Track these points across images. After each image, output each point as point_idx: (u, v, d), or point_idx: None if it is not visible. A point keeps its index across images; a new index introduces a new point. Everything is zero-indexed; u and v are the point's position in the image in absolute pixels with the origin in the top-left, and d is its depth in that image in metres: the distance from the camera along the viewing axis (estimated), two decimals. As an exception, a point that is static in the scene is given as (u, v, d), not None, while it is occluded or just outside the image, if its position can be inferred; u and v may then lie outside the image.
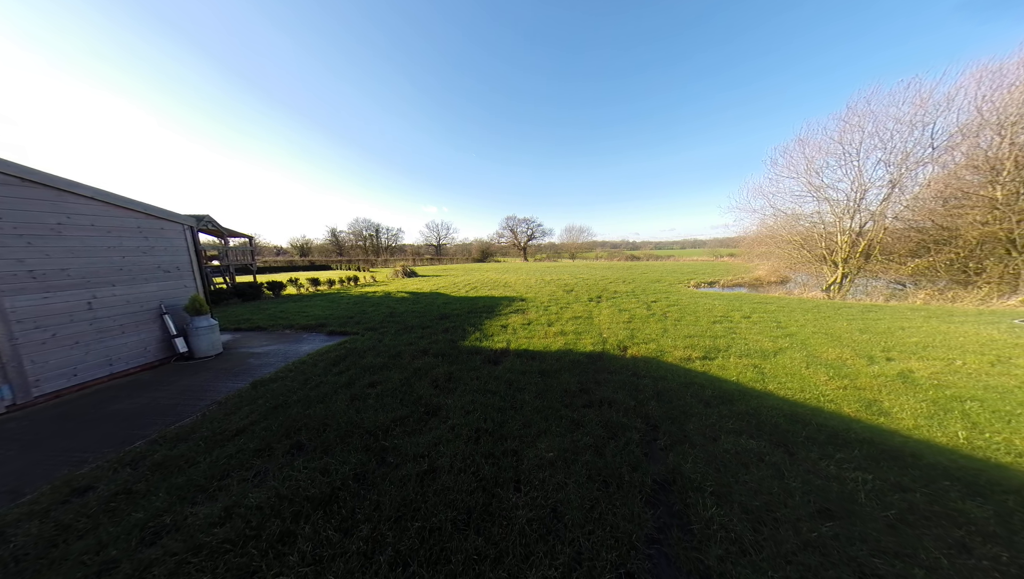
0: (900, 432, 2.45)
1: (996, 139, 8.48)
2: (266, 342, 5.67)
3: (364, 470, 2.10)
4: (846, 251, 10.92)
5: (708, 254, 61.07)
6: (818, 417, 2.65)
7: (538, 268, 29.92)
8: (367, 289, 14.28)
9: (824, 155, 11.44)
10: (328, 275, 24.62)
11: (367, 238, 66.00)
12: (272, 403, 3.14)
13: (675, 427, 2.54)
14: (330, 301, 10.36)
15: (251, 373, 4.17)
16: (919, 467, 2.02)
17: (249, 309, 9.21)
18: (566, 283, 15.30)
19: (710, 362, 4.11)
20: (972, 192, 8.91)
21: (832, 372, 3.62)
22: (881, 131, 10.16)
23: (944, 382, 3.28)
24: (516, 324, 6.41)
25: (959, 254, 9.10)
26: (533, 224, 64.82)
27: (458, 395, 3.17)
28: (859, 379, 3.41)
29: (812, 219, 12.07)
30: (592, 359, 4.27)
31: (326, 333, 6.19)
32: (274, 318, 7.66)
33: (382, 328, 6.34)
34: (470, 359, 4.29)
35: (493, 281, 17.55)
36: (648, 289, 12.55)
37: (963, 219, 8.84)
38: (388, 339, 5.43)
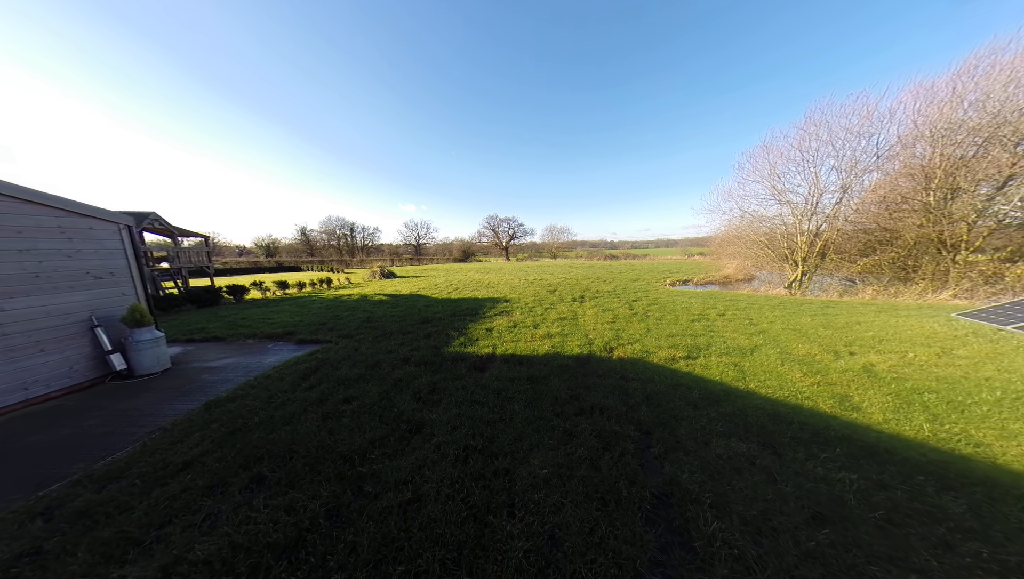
0: (873, 427, 2.57)
1: (929, 150, 9.47)
2: (224, 354, 5.11)
3: (337, 504, 1.87)
4: (805, 251, 11.78)
5: (680, 253, 64.66)
6: (799, 415, 2.73)
7: (521, 268, 29.92)
8: (341, 292, 13.50)
9: (785, 161, 12.27)
10: (298, 277, 23.06)
11: (341, 237, 62.95)
12: (229, 427, 2.77)
13: (667, 433, 2.51)
14: (300, 306, 9.66)
15: (204, 392, 3.71)
16: (895, 463, 2.11)
17: (205, 316, 8.36)
18: (549, 283, 15.35)
19: (693, 362, 4.19)
20: (910, 197, 9.90)
21: (805, 368, 3.80)
22: (834, 140, 11.05)
23: (902, 375, 3.53)
24: (501, 327, 6.25)
25: (900, 254, 10.10)
26: (515, 224, 64.87)
27: (443, 408, 2.97)
28: (830, 375, 3.59)
29: (775, 221, 12.93)
30: (580, 362, 4.21)
31: (295, 342, 5.71)
32: (234, 326, 6.98)
33: (358, 335, 5.95)
34: (455, 367, 4.09)
35: (476, 282, 17.26)
36: (628, 288, 12.86)
37: (903, 222, 9.80)
38: (365, 347, 5.09)
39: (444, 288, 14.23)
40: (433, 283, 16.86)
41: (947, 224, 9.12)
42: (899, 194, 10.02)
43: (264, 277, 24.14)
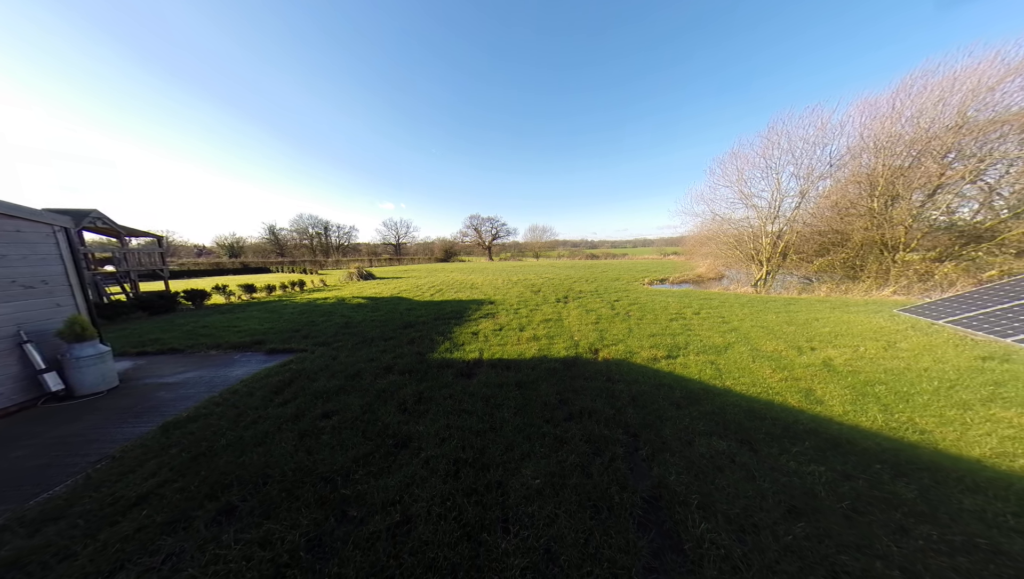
0: (835, 419, 2.79)
1: (873, 160, 10.47)
2: (183, 368, 4.68)
3: (319, 533, 1.75)
4: (769, 251, 12.67)
5: (657, 253, 67.80)
6: (771, 411, 2.91)
7: (504, 268, 29.90)
8: (316, 295, 12.83)
9: (751, 167, 13.11)
10: (267, 279, 21.61)
11: (314, 237, 59.83)
12: (191, 452, 2.53)
13: (653, 434, 2.58)
14: (269, 311, 9.06)
15: (161, 411, 3.37)
16: (856, 453, 2.29)
17: (159, 325, 7.62)
18: (533, 283, 15.44)
19: (674, 361, 4.36)
20: (857, 203, 10.91)
21: (774, 364, 4.06)
22: (793, 149, 11.95)
23: (856, 368, 3.87)
24: (487, 330, 6.20)
25: (849, 254, 11.11)
26: (497, 223, 64.74)
27: (431, 419, 2.89)
28: (795, 370, 3.86)
29: (743, 223, 13.79)
30: (567, 365, 4.25)
31: (265, 352, 5.33)
32: (194, 336, 6.42)
33: (336, 342, 5.66)
34: (441, 374, 3.99)
35: (459, 282, 17.04)
36: (609, 288, 13.20)
37: (851, 225, 10.78)
38: (344, 356, 4.85)
39: (427, 290, 13.92)
40: (415, 284, 16.45)
41: (888, 227, 10.14)
42: (848, 200, 11.01)
43: (228, 280, 22.46)
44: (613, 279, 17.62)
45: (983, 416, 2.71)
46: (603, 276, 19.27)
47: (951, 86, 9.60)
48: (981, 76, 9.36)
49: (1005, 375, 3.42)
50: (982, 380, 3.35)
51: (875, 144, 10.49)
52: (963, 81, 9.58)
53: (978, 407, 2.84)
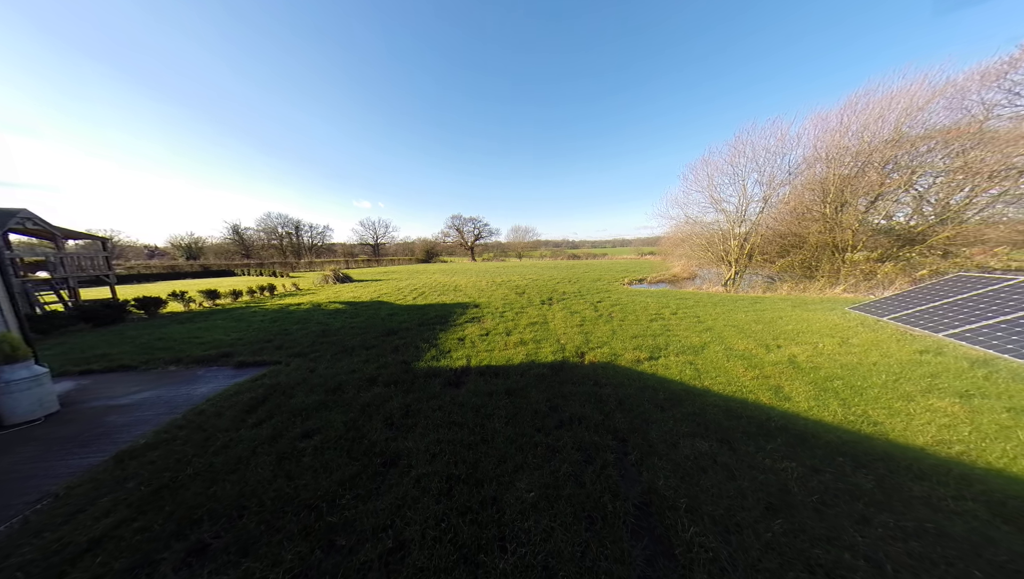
0: (801, 415, 3.02)
1: (825, 169, 11.46)
2: (138, 387, 4.26)
3: (305, 567, 1.65)
4: (736, 253, 13.52)
5: (634, 252, 70.66)
6: (746, 409, 3.10)
7: (487, 269, 29.75)
8: (289, 301, 12.12)
9: (720, 174, 13.93)
10: (232, 284, 20.02)
11: (284, 237, 56.50)
12: (152, 485, 2.30)
13: (641, 438, 2.67)
14: (236, 320, 8.44)
15: (113, 439, 3.04)
16: (821, 447, 2.50)
17: (106, 339, 6.88)
18: (517, 285, 15.49)
19: (656, 362, 4.53)
20: (812, 208, 11.90)
21: (746, 363, 4.33)
22: (757, 157, 12.84)
23: (816, 364, 4.22)
24: (474, 335, 6.14)
25: (806, 256, 12.10)
26: (480, 224, 64.35)
27: (420, 434, 2.81)
28: (764, 368, 4.14)
29: (713, 226, 14.60)
30: (555, 370, 4.30)
31: (233, 365, 4.96)
32: (149, 349, 5.86)
33: (314, 353, 5.38)
34: (428, 384, 3.90)
35: (442, 285, 16.76)
36: (592, 289, 13.51)
37: (807, 229, 11.74)
38: (323, 367, 4.61)
39: (408, 293, 13.57)
40: (396, 287, 15.99)
41: (838, 231, 11.16)
42: (804, 205, 11.99)
43: (187, 284, 20.66)
44: (595, 279, 18.07)
45: (923, 406, 3.04)
46: (585, 276, 19.70)
47: (889, 104, 10.72)
48: (912, 97, 10.52)
49: (939, 367, 3.86)
50: (921, 372, 3.76)
51: (826, 155, 11.50)
52: (898, 100, 10.73)
53: (919, 398, 3.19)
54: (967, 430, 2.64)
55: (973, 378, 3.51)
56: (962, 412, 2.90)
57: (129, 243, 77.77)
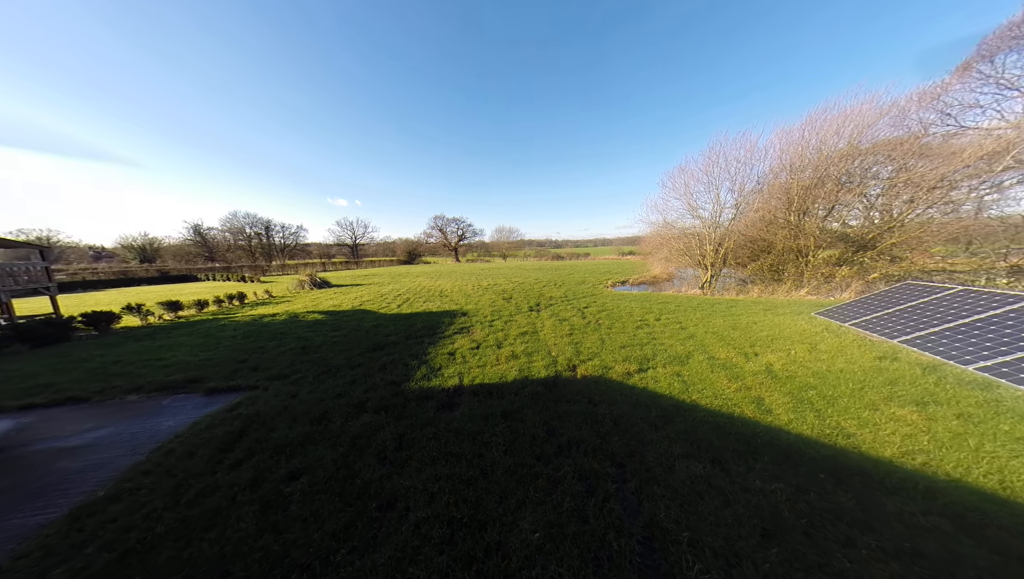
0: (784, 429, 3.20)
1: (788, 179, 12.29)
2: (92, 423, 3.82)
3: (303, 644, 1.53)
4: (712, 257, 14.23)
5: (615, 252, 72.96)
6: (733, 425, 3.25)
7: (472, 271, 29.48)
8: (262, 310, 11.38)
9: (696, 182, 14.59)
10: (196, 291, 18.42)
11: (253, 238, 53.10)
12: (117, 550, 2.06)
13: (638, 463, 2.72)
14: (203, 335, 7.81)
15: (64, 491, 2.71)
16: (804, 463, 2.66)
17: (50, 363, 6.14)
18: (504, 289, 15.46)
19: (645, 375, 4.65)
20: (778, 216, 12.74)
21: (728, 374, 4.55)
22: (729, 167, 13.56)
23: (791, 373, 4.50)
24: (465, 349, 6.04)
25: (774, 261, 12.93)
26: (463, 224, 63.65)
27: (416, 468, 2.71)
28: (746, 379, 4.37)
29: (690, 232, 15.27)
30: (549, 387, 4.31)
31: (204, 392, 4.58)
32: (103, 376, 5.29)
33: (294, 374, 5.07)
34: (421, 408, 3.78)
35: (427, 290, 16.41)
36: (577, 292, 13.72)
37: (775, 235, 12.55)
38: (306, 392, 4.36)
39: (392, 299, 13.17)
40: (378, 293, 15.47)
41: (801, 237, 12.03)
42: (771, 213, 12.82)
43: (142, 293, 18.83)
44: (579, 282, 18.38)
45: (887, 415, 3.32)
46: (570, 279, 20.00)
47: (844, 121, 11.68)
48: (863, 115, 11.52)
49: (896, 374, 4.24)
50: (881, 379, 4.11)
51: (790, 166, 12.36)
52: (851, 118, 11.71)
53: (882, 407, 3.48)
54: (926, 439, 2.91)
55: (926, 385, 3.88)
56: (920, 420, 3.19)
57: (70, 244, 70.11)
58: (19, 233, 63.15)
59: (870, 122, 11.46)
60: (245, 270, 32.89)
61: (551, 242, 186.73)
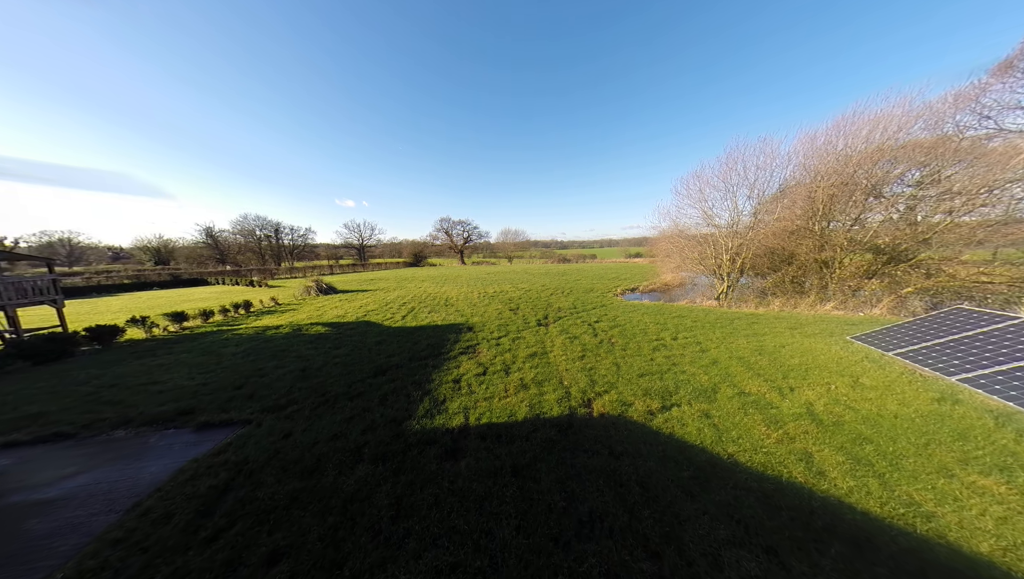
0: (845, 501, 2.72)
1: (814, 187, 11.63)
2: (73, 468, 3.56)
3: None
4: (728, 267, 13.60)
5: (621, 253, 72.40)
6: (784, 495, 2.79)
7: (478, 275, 29.21)
8: (266, 321, 11.22)
9: (712, 189, 13.99)
10: (204, 297, 18.47)
11: (262, 240, 53.91)
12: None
13: (676, 554, 2.29)
14: (205, 353, 7.62)
15: (30, 563, 2.40)
16: (881, 562, 2.19)
17: (48, 385, 5.99)
18: (510, 298, 15.10)
19: (670, 415, 4.19)
20: (801, 225, 12.08)
21: (764, 417, 4.06)
22: (748, 174, 12.94)
23: (837, 416, 3.99)
24: (471, 375, 5.67)
25: (796, 272, 12.26)
26: (469, 227, 63.54)
27: (412, 551, 2.34)
28: (786, 424, 3.88)
29: (706, 239, 14.64)
30: (563, 430, 3.90)
31: (194, 427, 4.31)
32: (95, 403, 5.09)
33: (291, 404, 4.77)
34: (423, 456, 3.42)
35: (432, 297, 16.17)
36: (586, 302, 13.28)
37: (799, 245, 11.89)
38: (301, 430, 4.04)
39: (397, 309, 12.94)
40: (383, 301, 15.28)
41: (828, 248, 11.36)
42: (794, 222, 12.16)
43: (152, 298, 18.92)
44: (587, 289, 17.91)
45: (967, 485, 2.82)
46: (577, 286, 19.54)
47: (875, 125, 10.99)
48: (894, 119, 10.82)
49: (963, 423, 3.70)
50: (947, 431, 3.58)
51: (815, 172, 11.70)
52: (882, 122, 11.01)
53: (958, 472, 2.97)
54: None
55: (1003, 442, 3.35)
56: (1011, 495, 2.68)
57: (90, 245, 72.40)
58: (43, 235, 65.57)
59: (902, 125, 10.76)
60: (254, 274, 33.26)
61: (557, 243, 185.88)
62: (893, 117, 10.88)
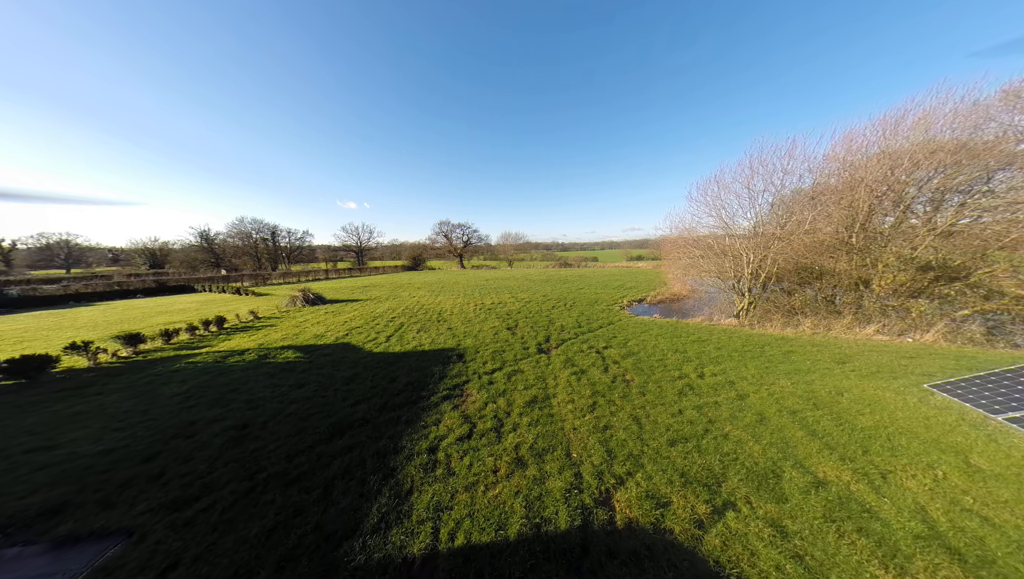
0: None
1: (856, 196, 10.32)
2: None
3: None
4: (749, 282, 12.30)
5: (623, 256, 71.40)
6: None
7: (476, 282, 28.05)
8: (235, 342, 10.00)
9: (732, 195, 12.71)
10: (181, 309, 16.99)
11: (258, 243, 52.95)
12: None
13: None
14: (137, 395, 6.36)
15: None
16: None
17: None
18: (508, 312, 13.93)
19: (728, 532, 2.91)
20: (838, 238, 10.77)
21: (870, 541, 2.76)
22: (775, 179, 11.66)
23: (975, 540, 2.71)
24: (451, 440, 4.42)
25: (828, 292, 10.92)
26: (469, 230, 62.40)
27: None
28: (910, 561, 2.60)
29: (722, 249, 13.33)
30: (574, 564, 2.64)
31: (50, 542, 3.04)
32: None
33: (204, 493, 3.53)
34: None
35: (425, 310, 15.01)
36: (591, 318, 12.11)
37: (835, 261, 10.58)
38: (190, 558, 2.77)
39: (384, 326, 11.77)
40: (371, 315, 14.11)
41: (870, 265, 10.05)
42: (829, 234, 10.86)
43: (127, 310, 17.34)
44: (592, 301, 16.71)
45: None
46: (580, 296, 18.34)
47: (920, 124, 9.70)
48: (947, 117, 9.51)
49: None
50: None
51: (851, 178, 10.41)
52: (924, 120, 9.71)
53: None
54: None
55: None
56: None
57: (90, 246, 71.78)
58: (40, 237, 64.82)
59: (969, 125, 9.41)
60: (245, 279, 32.16)
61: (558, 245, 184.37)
62: (939, 114, 9.58)
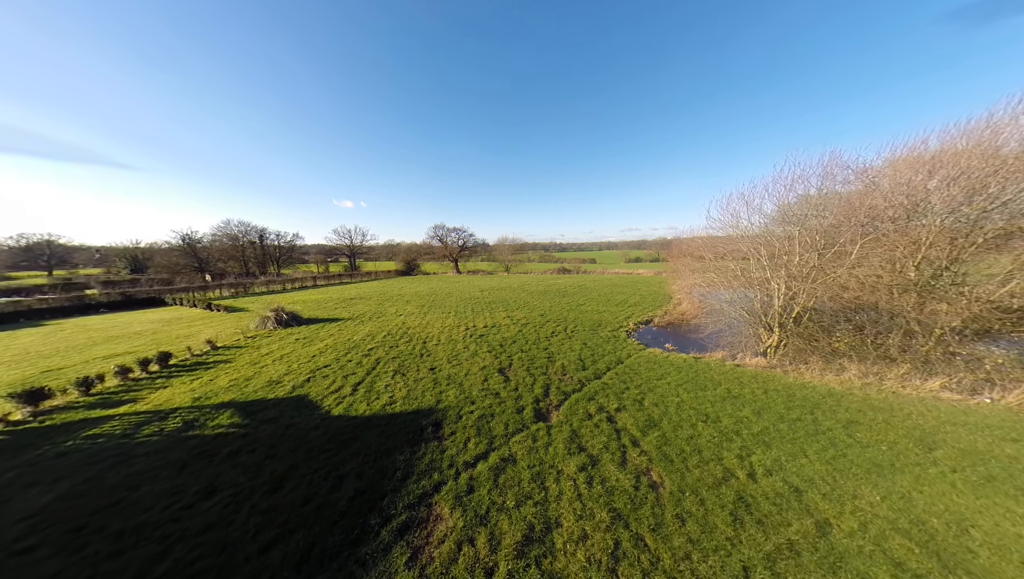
0: None
1: (917, 222, 8.67)
2: None
3: None
4: (780, 317, 10.65)
5: (621, 257, 69.74)
6: None
7: (470, 292, 26.37)
8: (168, 394, 8.21)
9: (762, 216, 11.07)
10: (137, 332, 14.76)
11: (246, 247, 50.85)
12: None
13: None
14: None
15: None
16: None
17: None
18: (502, 340, 12.33)
19: None
20: (893, 272, 9.13)
21: None
22: (811, 200, 10.02)
23: None
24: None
25: (880, 336, 9.26)
26: (465, 234, 60.59)
27: None
28: None
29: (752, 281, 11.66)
30: None
31: None
32: None
33: None
34: None
35: (409, 337, 13.39)
36: (597, 352, 10.53)
37: (893, 299, 8.93)
38: None
39: (356, 362, 10.13)
40: (348, 343, 12.39)
41: (931, 302, 8.43)
42: (881, 265, 9.23)
43: (75, 334, 15.06)
44: (595, 324, 15.14)
45: None
46: (582, 316, 16.74)
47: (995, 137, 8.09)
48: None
49: None
50: None
51: (907, 201, 8.78)
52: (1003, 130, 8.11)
53: None
54: None
55: None
56: None
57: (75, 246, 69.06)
58: (20, 237, 62.11)
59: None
60: (226, 288, 30.20)
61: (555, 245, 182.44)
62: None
